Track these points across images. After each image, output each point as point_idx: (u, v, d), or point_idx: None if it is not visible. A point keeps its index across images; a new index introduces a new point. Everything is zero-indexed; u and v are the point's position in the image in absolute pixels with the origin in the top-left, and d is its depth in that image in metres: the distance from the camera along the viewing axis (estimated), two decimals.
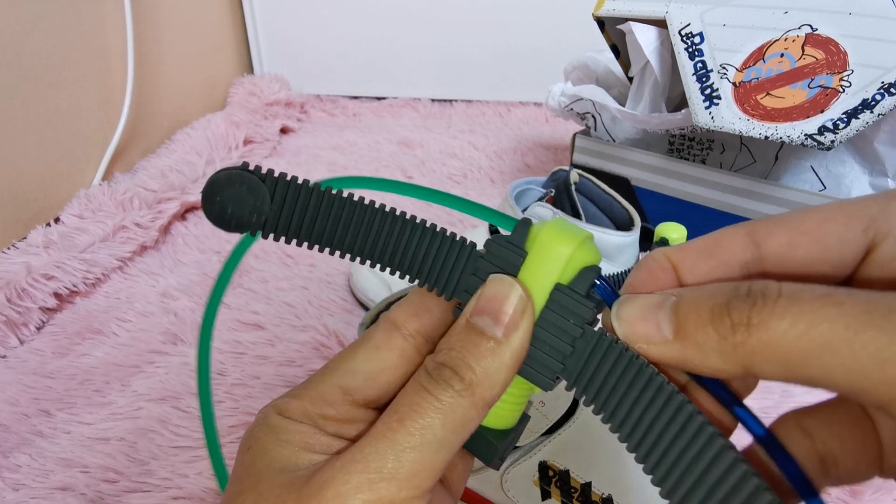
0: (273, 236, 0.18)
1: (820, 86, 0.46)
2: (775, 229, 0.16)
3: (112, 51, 0.77)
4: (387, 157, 0.90)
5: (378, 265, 0.19)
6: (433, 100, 1.13)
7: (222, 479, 0.21)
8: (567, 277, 0.18)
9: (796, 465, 0.15)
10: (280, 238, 0.18)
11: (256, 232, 0.18)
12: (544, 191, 0.56)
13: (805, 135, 0.46)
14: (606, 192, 0.54)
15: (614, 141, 0.65)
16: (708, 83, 0.50)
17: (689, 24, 0.52)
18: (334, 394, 0.19)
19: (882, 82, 0.44)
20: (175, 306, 0.56)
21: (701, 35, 0.52)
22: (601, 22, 0.62)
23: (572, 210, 0.53)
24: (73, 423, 0.44)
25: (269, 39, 1.12)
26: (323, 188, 0.18)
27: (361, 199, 0.18)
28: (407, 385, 0.18)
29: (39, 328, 0.55)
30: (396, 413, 0.17)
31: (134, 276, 0.62)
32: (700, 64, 0.51)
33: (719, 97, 0.50)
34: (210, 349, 0.20)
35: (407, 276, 0.19)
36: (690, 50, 0.52)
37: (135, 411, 0.44)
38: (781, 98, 0.47)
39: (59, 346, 0.52)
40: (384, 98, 1.15)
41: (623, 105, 0.61)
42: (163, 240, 0.69)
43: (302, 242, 0.18)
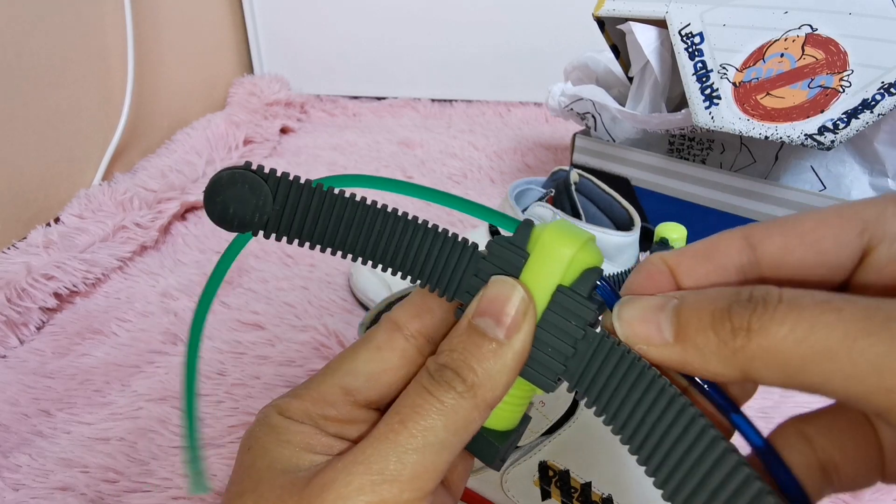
0: (275, 236, 0.18)
1: (820, 86, 0.46)
2: (771, 233, 0.16)
3: (112, 51, 0.77)
4: (387, 157, 0.90)
5: (380, 266, 0.19)
6: (433, 100, 1.13)
7: (196, 478, 0.21)
8: (569, 279, 0.18)
9: (791, 475, 0.15)
10: (282, 238, 0.18)
11: (258, 232, 0.18)
12: (544, 191, 0.56)
13: (805, 135, 0.46)
14: (606, 192, 0.54)
15: (614, 141, 0.65)
16: (708, 83, 0.50)
17: (689, 24, 0.52)
18: (335, 394, 0.19)
19: (882, 82, 0.44)
20: (175, 306, 0.56)
21: (701, 35, 0.52)
22: (601, 22, 0.62)
23: (572, 210, 0.53)
24: (73, 423, 0.44)
25: (269, 39, 1.12)
26: (326, 188, 0.18)
27: (364, 200, 0.18)
28: (409, 386, 0.18)
29: (39, 328, 0.55)
30: (398, 414, 0.17)
31: (134, 276, 0.62)
32: (700, 64, 0.51)
33: (719, 97, 0.50)
34: (199, 347, 0.20)
35: (409, 277, 0.19)
36: (690, 50, 0.52)
37: (135, 411, 0.44)
38: (781, 98, 0.47)
39: (59, 346, 0.52)
40: (384, 98, 1.15)
41: (623, 105, 0.61)
42: (163, 240, 0.69)
43: (304, 242, 0.18)
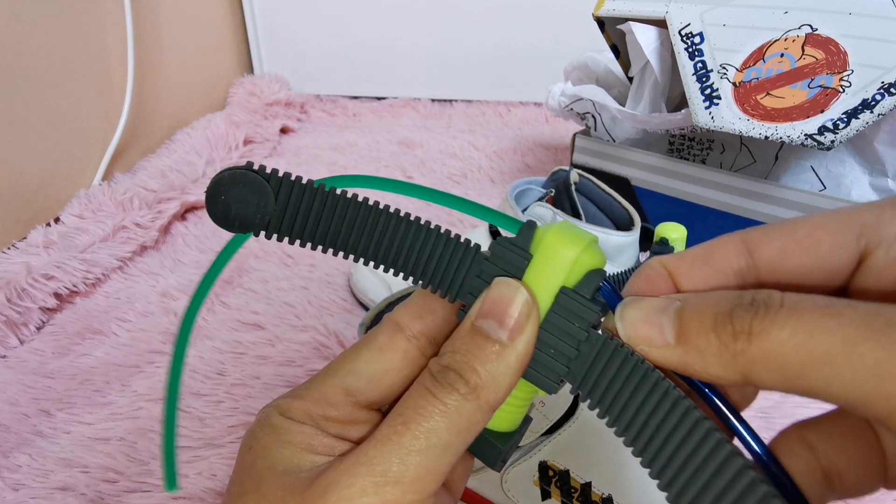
0: (276, 237, 0.18)
1: (820, 86, 0.46)
2: (769, 237, 0.16)
3: (112, 51, 0.77)
4: (387, 157, 0.90)
5: (382, 266, 0.19)
6: (433, 100, 1.13)
7: (170, 473, 0.21)
8: (572, 281, 0.18)
9: (792, 481, 0.15)
10: (284, 238, 0.18)
11: (260, 232, 0.18)
12: (544, 191, 0.56)
13: (805, 135, 0.46)
14: (606, 192, 0.54)
15: (614, 141, 0.65)
16: (708, 83, 0.50)
17: (689, 24, 0.52)
18: (337, 395, 0.19)
19: (882, 82, 0.44)
20: (175, 306, 0.56)
21: (701, 35, 0.52)
22: (601, 22, 0.62)
23: (572, 210, 0.53)
24: (73, 423, 0.44)
25: (269, 39, 1.12)
26: (327, 188, 0.18)
27: (366, 200, 0.18)
28: (411, 388, 0.18)
29: (39, 328, 0.55)
30: (401, 416, 0.17)
31: (134, 276, 0.62)
32: (700, 64, 0.51)
33: (719, 97, 0.50)
34: (187, 344, 0.20)
35: (411, 278, 0.19)
36: (690, 50, 0.52)
37: (135, 411, 0.44)
38: (781, 98, 0.47)
39: (59, 346, 0.52)
40: (384, 98, 1.15)
41: (623, 105, 0.61)
42: (163, 240, 0.69)
43: (305, 243, 0.18)
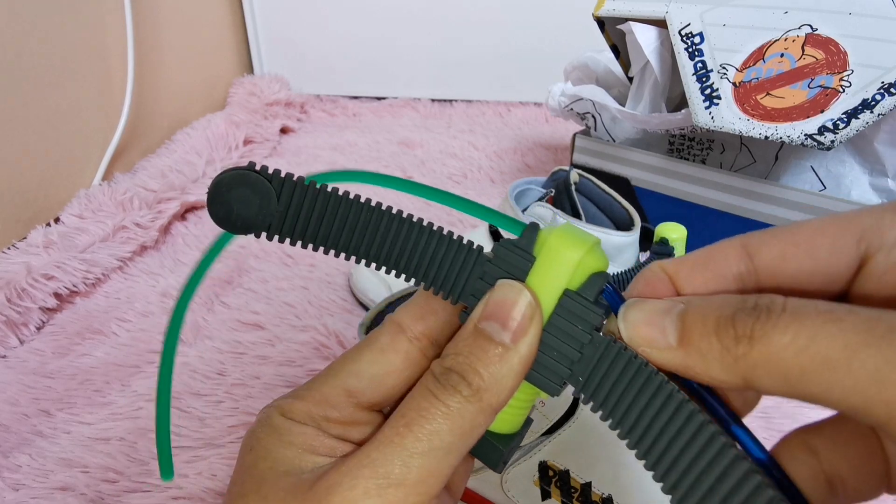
0: (278, 238, 0.18)
1: (820, 86, 0.46)
2: (768, 241, 0.16)
3: (112, 51, 0.77)
4: (387, 158, 0.90)
5: (384, 268, 0.19)
6: (433, 100, 1.13)
7: (165, 465, 0.21)
8: (575, 283, 0.18)
9: (796, 488, 0.15)
10: (285, 239, 0.18)
11: (262, 233, 0.18)
12: (544, 191, 0.56)
13: (805, 135, 0.46)
14: (606, 192, 0.54)
15: (614, 141, 0.65)
16: (708, 83, 0.50)
17: (689, 24, 0.52)
18: (338, 396, 0.19)
19: (882, 82, 0.44)
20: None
21: (701, 35, 0.52)
22: (601, 22, 0.62)
23: (572, 210, 0.53)
24: (73, 423, 0.44)
25: (269, 39, 1.12)
26: (329, 187, 0.18)
27: (368, 201, 0.18)
28: (414, 389, 0.18)
29: (39, 328, 0.55)
30: (404, 418, 0.17)
31: (134, 276, 0.62)
32: (700, 64, 0.51)
33: (719, 97, 0.50)
34: (178, 338, 0.20)
35: (413, 280, 0.19)
36: (690, 50, 0.52)
37: (135, 411, 0.44)
38: (781, 98, 0.47)
39: (59, 346, 0.52)
40: (384, 98, 1.15)
41: (623, 105, 0.61)
42: (163, 240, 0.69)
43: (308, 244, 0.18)
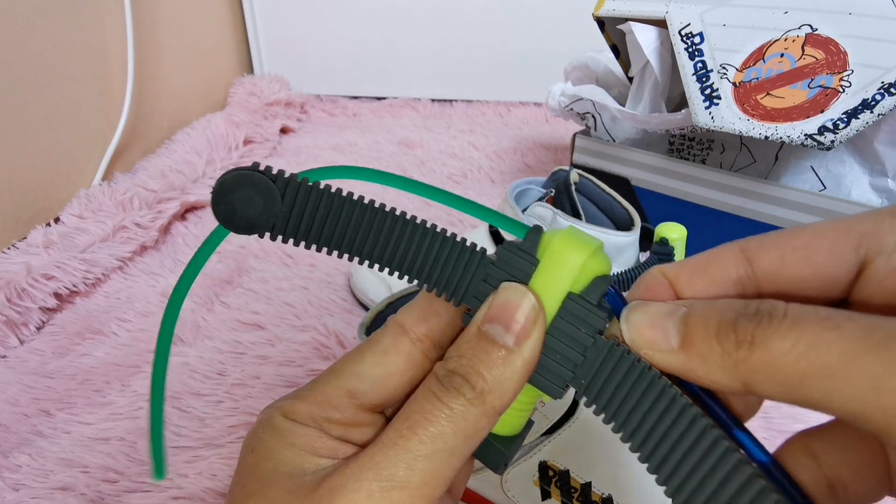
0: (282, 238, 0.18)
1: (820, 86, 0.46)
2: (767, 246, 0.16)
3: (112, 51, 0.77)
4: (387, 158, 0.90)
5: (386, 269, 0.19)
6: (433, 100, 1.13)
7: (157, 464, 0.21)
8: (579, 286, 0.18)
9: (801, 491, 0.15)
10: (289, 240, 0.18)
11: (265, 234, 0.18)
12: (544, 191, 0.56)
13: (805, 135, 0.46)
14: (606, 192, 0.54)
15: (614, 141, 0.65)
16: (708, 83, 0.50)
17: (689, 24, 0.52)
18: (340, 397, 0.19)
19: (882, 82, 0.44)
20: None
21: (701, 35, 0.52)
22: (601, 22, 0.62)
23: (572, 210, 0.53)
24: (73, 423, 0.44)
25: (269, 39, 1.12)
26: (331, 187, 0.18)
27: (372, 202, 0.18)
28: (417, 391, 0.18)
29: (39, 328, 0.55)
30: (407, 420, 0.17)
31: (134, 276, 0.62)
32: (700, 64, 0.51)
33: (719, 97, 0.50)
34: (172, 335, 0.20)
35: (416, 281, 0.19)
36: (690, 50, 0.52)
37: (135, 411, 0.44)
38: (781, 98, 0.47)
39: (59, 346, 0.52)
40: (384, 98, 1.15)
41: (623, 105, 0.61)
42: (163, 240, 0.69)
43: (311, 245, 0.18)
